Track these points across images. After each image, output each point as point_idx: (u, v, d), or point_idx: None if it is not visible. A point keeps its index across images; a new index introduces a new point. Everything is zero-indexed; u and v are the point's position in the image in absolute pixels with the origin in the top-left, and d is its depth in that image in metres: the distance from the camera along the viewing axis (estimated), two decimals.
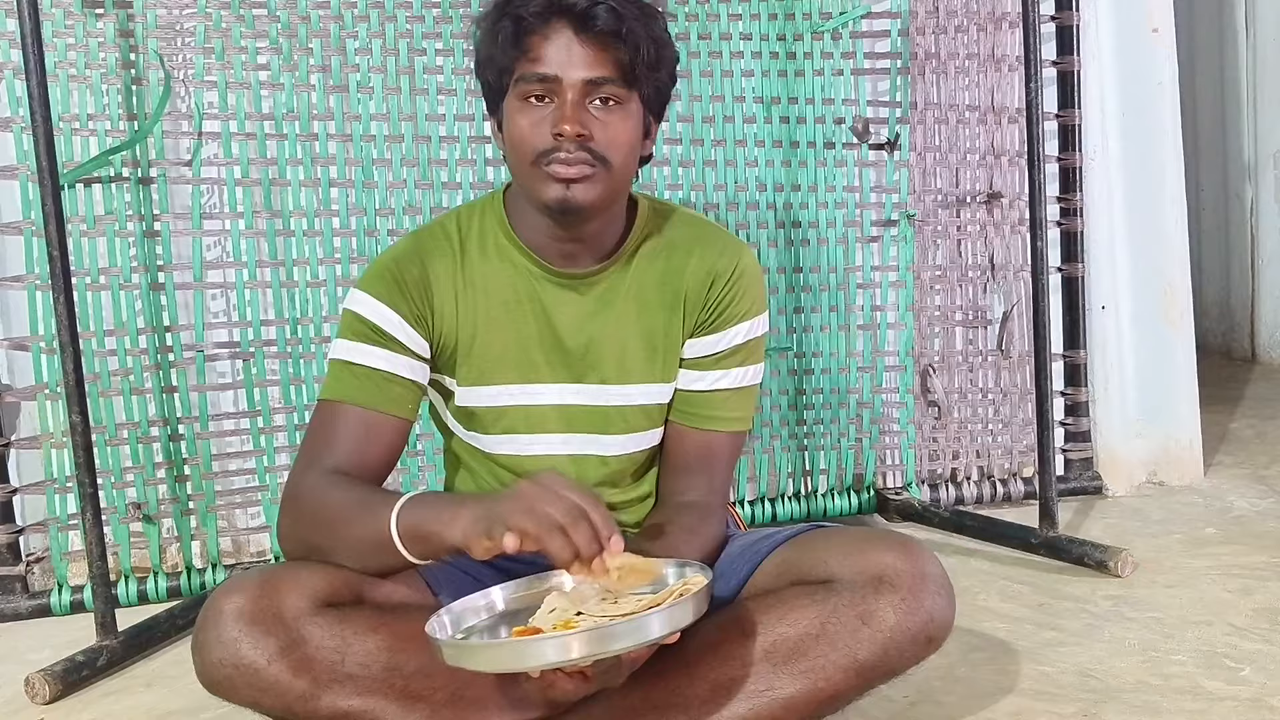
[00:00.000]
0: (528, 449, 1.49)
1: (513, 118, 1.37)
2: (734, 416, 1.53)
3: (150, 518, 2.21)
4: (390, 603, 1.34)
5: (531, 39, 1.34)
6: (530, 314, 1.46)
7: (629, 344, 1.48)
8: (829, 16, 2.48)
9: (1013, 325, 2.57)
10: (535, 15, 1.33)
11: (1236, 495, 2.58)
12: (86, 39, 2.17)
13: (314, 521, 1.35)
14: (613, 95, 1.36)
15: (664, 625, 1.13)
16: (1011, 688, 1.63)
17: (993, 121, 2.55)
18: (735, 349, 1.51)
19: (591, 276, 1.47)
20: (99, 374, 2.16)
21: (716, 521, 1.51)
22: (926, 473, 2.59)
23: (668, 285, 1.49)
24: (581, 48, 1.33)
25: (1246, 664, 1.68)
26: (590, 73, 1.34)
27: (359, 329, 1.42)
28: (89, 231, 2.17)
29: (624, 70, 1.35)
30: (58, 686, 1.76)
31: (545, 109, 1.35)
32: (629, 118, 1.38)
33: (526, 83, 1.35)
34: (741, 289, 1.50)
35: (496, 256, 1.47)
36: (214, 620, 1.25)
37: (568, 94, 1.34)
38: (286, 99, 2.26)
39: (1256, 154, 4.19)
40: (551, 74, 1.33)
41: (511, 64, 1.36)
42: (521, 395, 1.47)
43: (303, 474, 1.39)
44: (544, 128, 1.34)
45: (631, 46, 1.35)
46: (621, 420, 1.50)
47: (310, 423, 1.45)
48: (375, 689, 1.27)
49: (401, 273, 1.44)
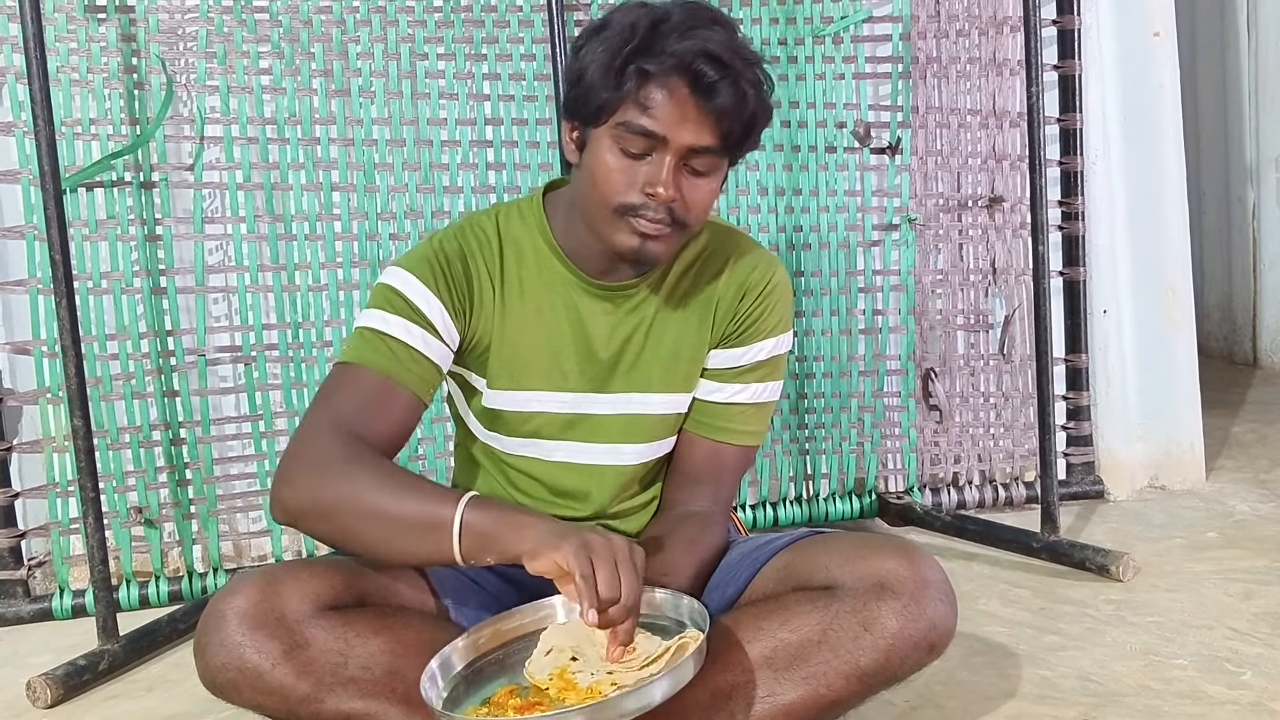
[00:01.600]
0: (550, 455, 1.49)
1: (602, 156, 1.33)
2: (747, 430, 1.53)
3: (152, 522, 2.22)
4: (392, 606, 1.34)
5: (649, 89, 1.29)
6: (565, 321, 1.46)
7: (657, 354, 1.49)
8: (830, 20, 2.49)
9: (1014, 329, 2.57)
10: (661, 69, 1.29)
11: (1238, 499, 2.58)
12: (89, 43, 2.17)
13: (343, 490, 1.27)
14: (709, 165, 1.35)
15: (667, 690, 1.14)
16: (1013, 692, 1.63)
17: (994, 125, 2.55)
18: (758, 364, 1.51)
19: (628, 289, 1.46)
20: (101, 378, 2.16)
21: (717, 531, 1.51)
22: (928, 477, 2.59)
23: (700, 295, 1.49)
24: (696, 113, 1.30)
25: (1248, 668, 1.68)
26: (697, 141, 1.31)
27: (396, 303, 1.39)
28: (91, 236, 2.17)
29: (727, 143, 1.34)
30: (59, 690, 1.77)
31: (640, 163, 1.32)
32: (716, 182, 1.37)
33: (629, 131, 1.31)
34: (771, 304, 1.50)
35: (534, 262, 1.46)
36: (217, 623, 1.24)
37: (668, 157, 1.31)
38: (288, 103, 2.26)
39: (1258, 157, 4.18)
40: (659, 133, 1.30)
41: (619, 104, 1.31)
42: (550, 402, 1.47)
43: (318, 432, 1.32)
44: (636, 181, 1.32)
45: (745, 125, 1.33)
46: (642, 430, 1.50)
47: (324, 385, 1.39)
48: (378, 692, 1.27)
49: (447, 264, 1.42)
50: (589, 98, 1.32)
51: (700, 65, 1.28)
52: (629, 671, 1.19)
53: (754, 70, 1.33)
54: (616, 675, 1.19)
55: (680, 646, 1.20)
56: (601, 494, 1.51)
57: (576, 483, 1.51)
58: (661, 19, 1.30)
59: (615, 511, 1.53)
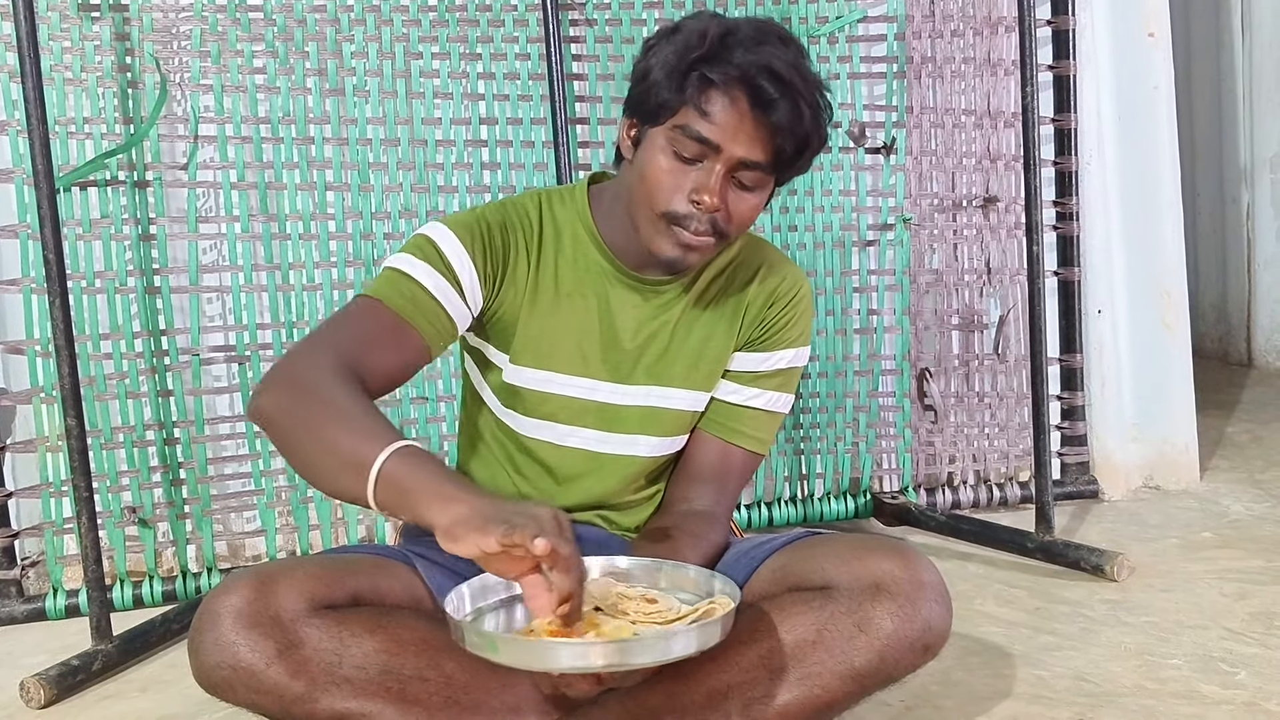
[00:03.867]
0: (563, 440, 1.50)
1: (655, 156, 1.35)
2: (757, 436, 1.56)
3: (146, 521, 2.21)
4: (387, 605, 1.33)
5: (710, 96, 1.32)
6: (595, 309, 1.48)
7: (681, 352, 1.50)
8: (825, 20, 2.49)
9: (1009, 329, 2.57)
10: (724, 79, 1.31)
11: (1232, 499, 2.59)
12: (82, 42, 2.17)
13: (303, 402, 1.24)
14: (757, 181, 1.36)
15: (689, 645, 1.13)
16: (1008, 692, 1.63)
17: (989, 126, 2.56)
18: (776, 372, 1.54)
19: (661, 285, 1.48)
20: (94, 378, 2.16)
21: (719, 531, 1.52)
22: (923, 477, 2.59)
23: (730, 300, 1.52)
24: (752, 127, 1.32)
25: (1242, 668, 1.68)
26: (749, 154, 1.33)
27: (429, 251, 1.39)
28: (85, 235, 2.16)
29: (778, 160, 1.35)
30: (53, 691, 1.76)
31: (691, 168, 1.34)
32: (761, 199, 1.39)
33: (685, 135, 1.33)
34: (796, 315, 1.54)
35: (572, 247, 1.48)
36: (211, 622, 1.24)
37: (719, 166, 1.33)
38: (283, 102, 2.26)
39: (1253, 158, 4.19)
40: (714, 141, 1.32)
41: (679, 107, 1.33)
42: (570, 386, 1.48)
43: (312, 349, 1.30)
44: (684, 186, 1.34)
45: (798, 145, 1.34)
46: (659, 424, 1.52)
47: (339, 310, 1.40)
48: (372, 691, 1.27)
49: (489, 231, 1.43)
50: (650, 96, 1.35)
51: (762, 80, 1.30)
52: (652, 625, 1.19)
53: (814, 93, 1.34)
54: (640, 628, 1.19)
55: (708, 610, 1.20)
56: (607, 484, 1.52)
57: (586, 470, 1.51)
58: (731, 30, 1.33)
59: (618, 503, 1.54)
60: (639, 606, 1.24)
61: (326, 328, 1.36)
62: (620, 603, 1.24)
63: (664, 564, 1.34)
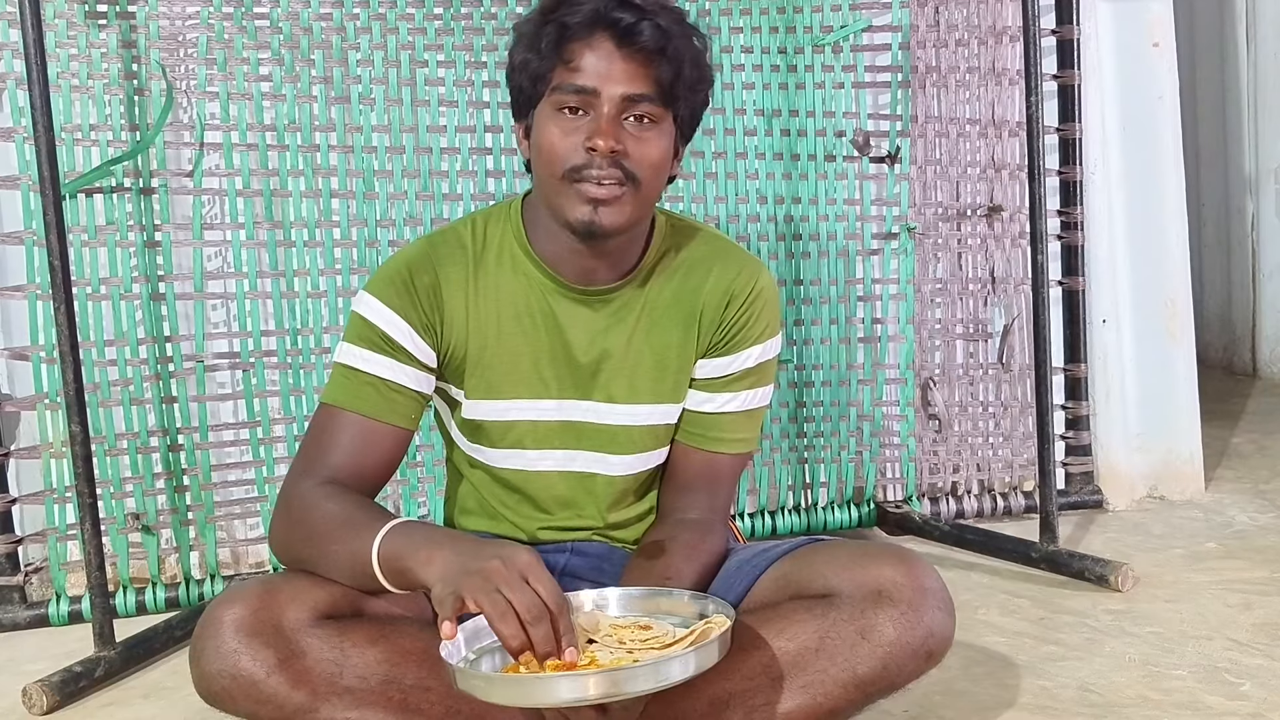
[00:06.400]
0: (534, 465, 1.48)
1: (544, 126, 1.35)
2: (740, 438, 1.52)
3: (149, 528, 2.21)
4: (389, 616, 1.33)
5: (573, 47, 1.32)
6: (543, 328, 1.44)
7: (641, 363, 1.47)
8: (830, 29, 2.49)
9: (1013, 339, 2.57)
10: (580, 24, 1.32)
11: (1237, 510, 2.58)
12: (89, 49, 2.17)
13: (302, 533, 1.33)
14: (649, 114, 1.34)
15: (687, 668, 1.13)
16: (1012, 702, 1.63)
17: (993, 135, 2.56)
18: (746, 372, 1.50)
19: (607, 293, 1.45)
20: (99, 384, 2.16)
21: (717, 538, 1.50)
22: (927, 486, 2.58)
23: (683, 303, 1.47)
24: (623, 62, 1.32)
25: (1247, 679, 1.67)
26: (630, 88, 1.32)
27: (366, 335, 1.40)
28: (90, 241, 2.17)
29: (663, 89, 1.34)
30: (55, 697, 1.76)
31: (579, 121, 1.33)
32: (662, 137, 1.37)
33: (562, 93, 1.33)
34: (757, 310, 1.48)
35: (510, 268, 1.45)
36: (213, 631, 1.24)
37: (604, 108, 1.32)
38: (288, 110, 2.26)
39: (1257, 168, 4.19)
40: (590, 86, 1.32)
41: (549, 71, 1.34)
42: (530, 410, 1.46)
43: (297, 479, 1.38)
44: (576, 141, 1.32)
45: (674, 66, 1.34)
46: (629, 440, 1.49)
47: (311, 424, 1.43)
48: (373, 702, 1.26)
49: (413, 279, 1.41)
50: (522, 78, 1.37)
51: (615, 12, 1.32)
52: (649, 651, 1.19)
53: (670, 12, 1.35)
54: (638, 655, 1.19)
55: (704, 631, 1.20)
56: (593, 505, 1.51)
57: (566, 493, 1.50)
58: None
59: (612, 522, 1.53)
60: (634, 634, 1.23)
61: (304, 451, 1.41)
62: (615, 633, 1.24)
63: (656, 591, 1.33)
